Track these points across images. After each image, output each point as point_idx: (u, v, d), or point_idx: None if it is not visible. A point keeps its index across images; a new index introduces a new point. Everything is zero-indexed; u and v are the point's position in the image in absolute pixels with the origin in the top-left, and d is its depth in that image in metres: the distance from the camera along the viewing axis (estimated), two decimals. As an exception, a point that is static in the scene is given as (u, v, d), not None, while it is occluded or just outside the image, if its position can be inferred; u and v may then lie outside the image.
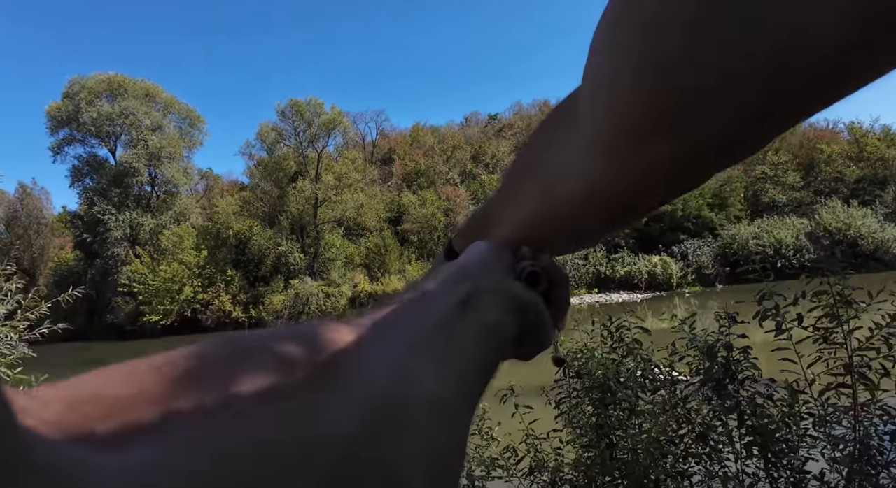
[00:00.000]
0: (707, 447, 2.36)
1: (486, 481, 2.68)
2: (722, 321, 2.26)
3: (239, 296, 32.25)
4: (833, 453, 2.16)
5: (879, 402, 2.13)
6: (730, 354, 2.21)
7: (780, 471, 2.28)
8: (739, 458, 2.33)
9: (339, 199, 34.69)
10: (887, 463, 2.09)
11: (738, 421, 2.20)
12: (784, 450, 2.22)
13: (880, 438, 2.13)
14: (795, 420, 2.23)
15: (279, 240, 33.38)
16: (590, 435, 2.45)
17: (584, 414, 2.53)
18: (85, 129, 35.22)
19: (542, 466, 2.63)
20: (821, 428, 2.21)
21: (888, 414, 2.12)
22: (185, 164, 37.18)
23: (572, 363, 2.60)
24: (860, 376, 2.06)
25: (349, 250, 34.70)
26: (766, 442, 2.20)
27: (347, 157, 37.90)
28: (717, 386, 2.21)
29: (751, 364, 2.19)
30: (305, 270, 33.19)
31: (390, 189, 40.96)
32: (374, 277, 34.28)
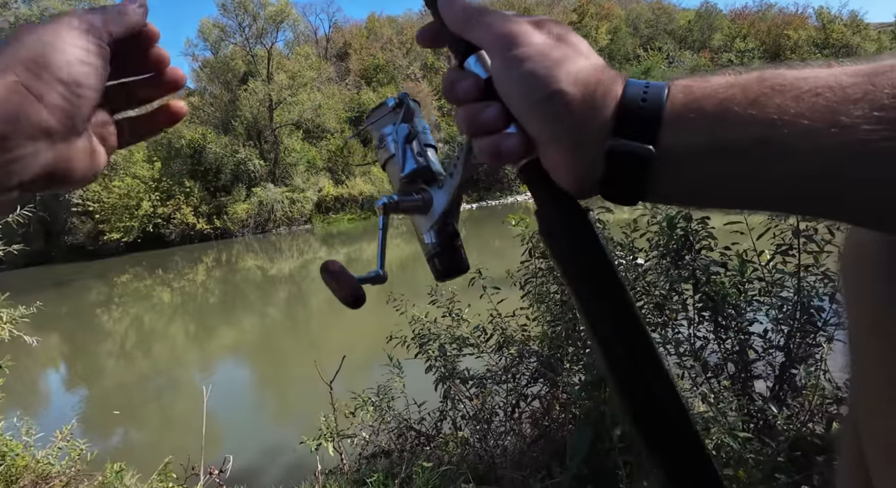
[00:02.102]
0: (663, 316, 2.52)
1: (459, 358, 2.85)
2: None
3: (201, 207, 31.48)
4: (777, 314, 2.33)
5: (822, 267, 2.27)
6: (688, 225, 2.28)
7: (727, 333, 2.48)
8: (692, 324, 2.51)
9: (294, 100, 32.98)
10: (825, 323, 2.28)
11: (693, 289, 2.33)
12: (733, 315, 2.39)
13: (820, 299, 2.30)
14: (744, 286, 2.37)
15: (236, 146, 32.00)
16: (555, 311, 2.58)
17: (549, 292, 2.64)
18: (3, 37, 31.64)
19: (510, 342, 2.79)
20: (767, 294, 2.37)
21: (829, 278, 2.27)
22: (122, 70, 34.24)
23: (538, 245, 2.66)
24: (807, 240, 2.17)
25: (311, 154, 33.70)
26: (717, 307, 2.35)
27: (300, 54, 35.50)
28: (676, 256, 2.30)
29: (708, 233, 2.28)
30: (267, 177, 32.30)
31: (348, 87, 39.00)
32: (339, 180, 33.72)
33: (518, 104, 0.39)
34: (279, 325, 11.16)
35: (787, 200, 0.34)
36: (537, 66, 0.38)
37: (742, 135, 0.33)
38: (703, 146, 0.34)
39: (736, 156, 0.33)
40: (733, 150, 0.33)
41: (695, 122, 0.34)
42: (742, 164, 0.33)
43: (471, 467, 2.68)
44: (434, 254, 0.46)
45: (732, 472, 1.85)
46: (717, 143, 0.33)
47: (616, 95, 0.37)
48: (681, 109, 0.35)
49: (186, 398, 6.75)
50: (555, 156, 0.39)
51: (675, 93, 0.36)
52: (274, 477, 3.88)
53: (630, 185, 0.37)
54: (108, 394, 7.91)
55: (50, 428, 3.73)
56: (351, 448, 3.37)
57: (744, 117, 0.33)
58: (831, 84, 0.31)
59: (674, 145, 0.35)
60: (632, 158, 0.36)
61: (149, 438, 6.07)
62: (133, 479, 3.51)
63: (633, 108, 0.36)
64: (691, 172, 0.35)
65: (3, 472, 3.12)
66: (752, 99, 0.33)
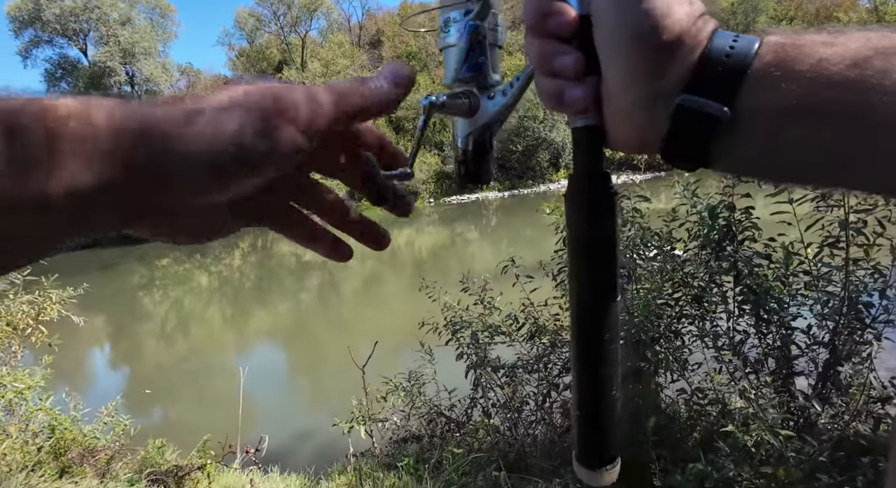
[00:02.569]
0: (701, 308, 2.46)
1: (490, 346, 2.84)
2: (726, 181, 2.23)
3: (238, 194, 32.21)
4: (822, 310, 2.25)
5: (872, 261, 2.16)
6: (731, 215, 2.21)
7: (769, 328, 2.40)
8: (732, 317, 2.44)
9: (328, 89, 33.25)
10: (873, 319, 2.18)
11: (735, 281, 2.26)
12: (775, 309, 2.31)
13: (869, 294, 2.20)
14: (788, 279, 2.29)
15: (271, 135, 32.53)
16: (589, 301, 2.54)
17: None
18: (50, 29, 32.91)
19: (542, 331, 2.76)
20: (812, 288, 2.27)
21: (879, 273, 2.16)
22: (162, 60, 35.14)
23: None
24: (856, 232, 2.07)
25: (344, 142, 34.00)
26: (759, 300, 2.28)
27: (333, 42, 35.72)
28: (717, 247, 2.23)
29: (752, 224, 2.20)
30: (301, 165, 32.76)
31: (381, 75, 39.06)
32: (372, 169, 33.98)
33: (606, 32, 0.35)
34: (313, 311, 11.37)
35: (881, 177, 0.31)
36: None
37: (840, 99, 0.29)
38: (791, 108, 0.31)
39: (828, 121, 0.30)
40: (825, 115, 0.30)
41: (784, 81, 0.31)
42: (836, 132, 0.30)
43: (501, 455, 2.69)
44: (464, 159, 0.46)
45: (772, 470, 1.80)
46: (809, 107, 0.30)
47: (701, 43, 0.33)
48: (770, 66, 0.32)
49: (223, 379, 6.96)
50: (622, 101, 0.35)
51: (765, 49, 0.32)
52: (307, 458, 3.98)
53: (694, 149, 0.34)
54: (150, 373, 8.22)
55: (96, 404, 3.91)
56: (382, 431, 3.42)
57: (843, 80, 0.29)
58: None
59: (756, 106, 0.32)
60: (701, 118, 0.32)
61: (188, 416, 6.30)
62: (173, 455, 3.65)
63: (715, 60, 0.32)
64: (770, 138, 0.32)
65: (52, 444, 3.28)
66: (854, 60, 0.30)
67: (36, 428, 3.39)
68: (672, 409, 2.46)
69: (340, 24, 43.00)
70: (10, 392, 3.32)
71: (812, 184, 0.34)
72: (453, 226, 22.80)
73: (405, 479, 2.68)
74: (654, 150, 0.36)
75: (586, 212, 0.39)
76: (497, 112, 0.45)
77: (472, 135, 0.45)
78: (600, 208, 0.38)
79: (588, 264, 0.39)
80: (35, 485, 2.70)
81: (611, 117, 0.36)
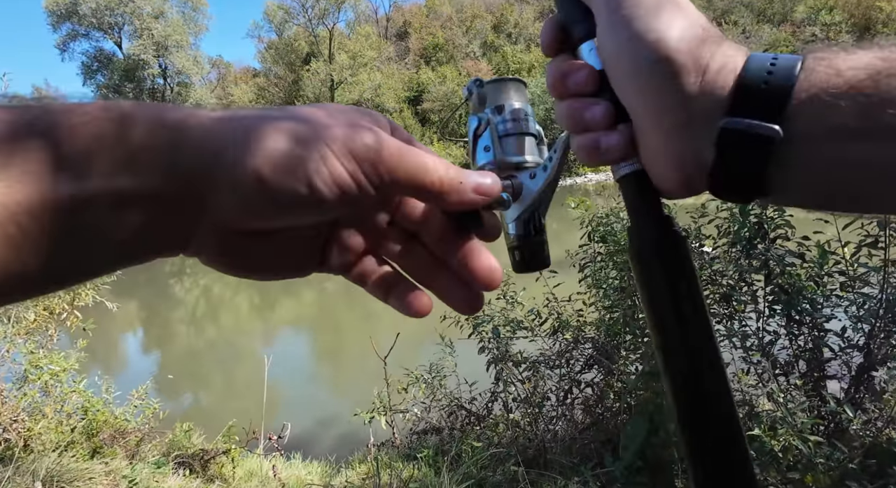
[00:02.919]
0: (729, 307, 2.40)
1: (512, 340, 2.83)
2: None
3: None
4: (858, 312, 2.17)
5: (914, 260, 2.08)
6: (763, 212, 2.14)
7: (800, 329, 2.32)
8: (762, 317, 2.37)
9: (355, 80, 33.42)
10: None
11: (766, 280, 2.20)
12: (808, 310, 2.24)
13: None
14: (822, 279, 2.21)
15: (298, 127, 32.89)
16: (613, 297, 2.50)
17: (608, 278, 2.56)
18: (87, 23, 33.87)
19: (565, 326, 2.74)
20: (848, 289, 2.19)
21: (921, 273, 2.07)
22: (194, 52, 35.80)
23: (597, 229, 2.59)
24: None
25: (370, 134, 34.18)
26: (790, 300, 2.21)
27: (360, 34, 35.82)
28: (747, 244, 2.17)
29: (785, 221, 2.13)
30: (328, 157, 33.08)
31: (408, 66, 39.08)
32: (397, 161, 34.13)
33: (620, 75, 0.34)
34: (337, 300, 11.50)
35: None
36: (642, 26, 0.32)
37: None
38: (850, 127, 0.28)
39: (894, 140, 0.27)
40: (890, 132, 0.27)
41: (841, 99, 0.28)
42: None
43: (520, 450, 2.68)
44: (516, 245, 0.43)
45: (799, 476, 1.75)
46: (870, 124, 0.28)
47: (734, 66, 0.31)
48: (820, 83, 0.29)
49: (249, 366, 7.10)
50: (655, 139, 0.33)
51: (809, 64, 0.30)
52: (328, 446, 4.04)
53: (747, 176, 0.31)
54: (179, 359, 8.44)
55: (126, 387, 4.03)
56: (403, 422, 3.44)
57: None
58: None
59: (810, 126, 0.29)
60: (750, 141, 0.30)
61: (214, 402, 6.45)
62: (199, 439, 3.74)
63: (755, 78, 0.30)
64: (830, 161, 0.29)
65: (85, 426, 3.40)
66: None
67: (70, 410, 3.51)
68: (697, 410, 2.41)
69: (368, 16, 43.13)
70: (46, 374, 3.44)
71: (875, 211, 0.32)
72: (477, 219, 22.76)
73: (424, 470, 2.70)
74: (701, 186, 0.33)
75: (661, 268, 0.34)
76: (541, 190, 0.43)
77: (521, 217, 0.43)
78: (676, 259, 0.34)
79: (679, 331, 0.34)
80: (68, 464, 2.80)
81: (650, 159, 0.35)
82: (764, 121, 0.30)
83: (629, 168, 0.36)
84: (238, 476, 3.31)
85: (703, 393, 0.33)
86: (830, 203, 0.33)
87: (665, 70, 0.32)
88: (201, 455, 3.42)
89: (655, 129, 0.33)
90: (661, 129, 0.33)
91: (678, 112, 0.32)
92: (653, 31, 0.32)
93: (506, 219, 0.45)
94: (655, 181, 0.35)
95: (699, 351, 0.33)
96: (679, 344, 0.34)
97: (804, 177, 0.31)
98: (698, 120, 0.31)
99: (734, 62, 0.31)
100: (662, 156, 0.33)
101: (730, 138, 0.30)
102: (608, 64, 0.35)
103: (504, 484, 2.48)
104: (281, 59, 35.79)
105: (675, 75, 0.32)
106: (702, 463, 0.33)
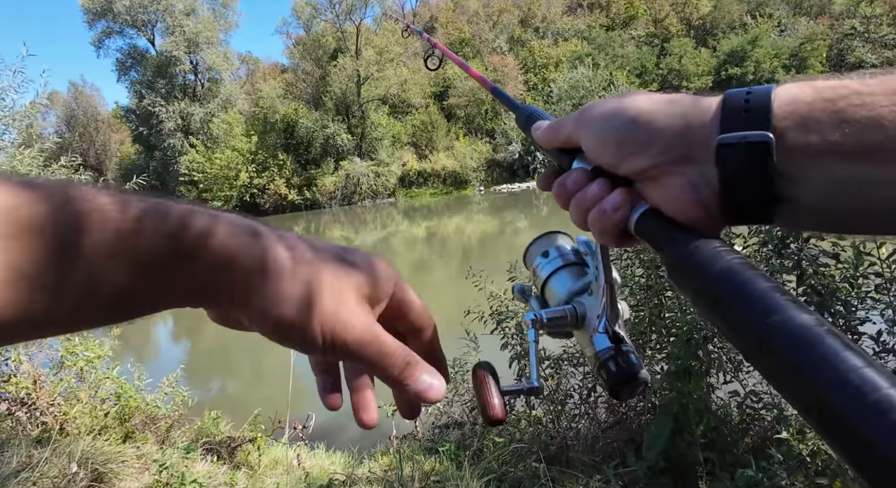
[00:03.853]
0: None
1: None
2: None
3: (292, 179, 33.14)
4: (894, 315, 2.10)
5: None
6: (796, 211, 2.08)
7: (834, 331, 2.26)
8: (793, 318, 2.31)
9: (381, 76, 33.53)
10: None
11: (798, 281, 2.14)
12: (841, 312, 2.17)
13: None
14: (857, 281, 2.14)
15: (325, 121, 33.20)
16: (639, 296, 2.47)
17: (634, 276, 2.53)
18: (121, 20, 34.77)
19: (590, 325, 2.71)
20: (884, 291, 2.12)
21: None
22: (224, 49, 36.42)
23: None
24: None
25: (395, 129, 34.29)
26: (823, 302, 2.15)
27: (387, 29, 35.87)
28: (779, 244, 2.12)
29: (818, 220, 2.07)
30: (354, 151, 33.32)
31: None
32: (423, 155, 34.13)
33: (607, 148, 0.39)
34: (360, 294, 11.60)
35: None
36: (609, 104, 0.40)
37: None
38: (842, 147, 0.30)
39: (887, 160, 0.29)
40: (884, 152, 0.29)
41: (819, 114, 0.31)
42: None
43: (542, 447, 2.67)
44: (600, 363, 0.43)
45: (828, 482, 1.71)
46: (862, 144, 0.30)
47: (709, 103, 0.35)
48: (796, 101, 0.32)
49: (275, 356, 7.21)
50: (664, 180, 0.37)
51: (782, 88, 0.33)
52: (352, 437, 4.09)
53: (754, 191, 0.33)
54: (208, 348, 8.64)
55: (158, 375, 4.15)
56: (425, 416, 3.47)
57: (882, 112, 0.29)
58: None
59: (801, 143, 0.31)
60: (745, 150, 0.32)
61: (241, 390, 6.59)
62: (227, 426, 3.83)
63: (736, 103, 0.33)
64: (829, 179, 0.31)
65: (118, 411, 3.51)
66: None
67: (104, 395, 3.64)
68: (723, 411, 2.37)
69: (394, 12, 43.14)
70: (81, 360, 3.56)
71: (882, 233, 0.33)
72: (503, 215, 22.66)
73: (445, 464, 2.72)
74: (714, 208, 0.35)
75: (729, 294, 0.29)
76: (602, 302, 0.44)
77: (594, 335, 0.44)
78: (716, 258, 0.31)
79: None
80: (101, 447, 2.90)
81: (664, 197, 0.37)
82: (751, 129, 0.32)
83: (640, 210, 0.38)
84: (263, 464, 3.38)
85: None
86: (842, 223, 0.34)
87: (642, 122, 0.37)
88: (228, 442, 3.51)
89: (661, 169, 0.37)
90: (666, 166, 0.36)
91: (678, 146, 0.36)
92: (615, 103, 0.39)
93: (583, 345, 0.46)
94: (673, 214, 0.37)
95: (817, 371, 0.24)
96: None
97: (809, 195, 0.32)
98: (697, 146, 0.35)
99: (710, 99, 0.36)
100: (676, 188, 0.36)
101: (727, 151, 0.33)
102: (601, 151, 0.40)
103: (525, 480, 2.48)
104: (308, 55, 36.10)
105: (651, 122, 0.37)
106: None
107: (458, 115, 35.71)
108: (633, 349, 0.43)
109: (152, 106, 34.04)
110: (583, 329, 0.45)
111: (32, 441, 2.95)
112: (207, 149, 33.12)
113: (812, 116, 0.31)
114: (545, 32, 40.05)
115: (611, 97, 0.41)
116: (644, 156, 0.37)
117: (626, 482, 2.30)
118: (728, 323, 0.29)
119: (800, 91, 0.32)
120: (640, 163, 0.37)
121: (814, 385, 0.23)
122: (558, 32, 39.90)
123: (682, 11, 41.03)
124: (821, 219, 0.34)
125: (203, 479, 2.74)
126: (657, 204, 0.37)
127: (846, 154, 0.30)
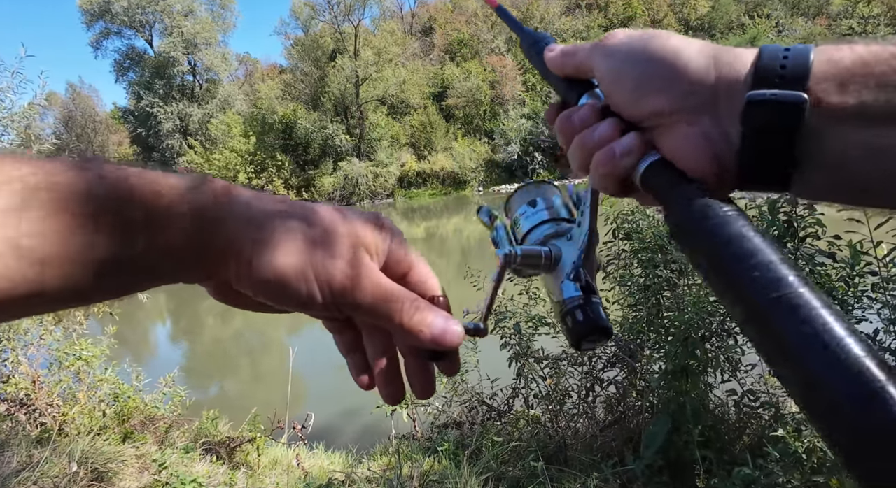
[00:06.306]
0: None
1: (534, 337, 2.82)
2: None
3: (291, 180, 33.12)
4: (891, 314, 2.11)
5: (951, 262, 2.01)
6: (793, 210, 2.09)
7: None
8: (790, 317, 2.32)
9: (380, 76, 33.53)
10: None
11: (794, 280, 2.15)
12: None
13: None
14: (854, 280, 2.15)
15: (324, 122, 33.20)
16: (637, 295, 2.48)
17: (633, 276, 2.54)
18: (119, 21, 34.75)
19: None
20: (881, 290, 2.13)
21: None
22: (222, 50, 36.37)
23: (622, 226, 2.56)
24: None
25: (394, 129, 34.28)
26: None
27: (385, 30, 35.88)
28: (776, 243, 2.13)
29: (815, 220, 2.08)
30: (352, 152, 33.31)
31: (432, 62, 39.05)
32: (421, 156, 34.13)
33: (624, 83, 0.36)
34: (359, 295, 11.60)
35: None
36: (636, 35, 0.36)
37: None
38: (873, 110, 0.29)
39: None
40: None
41: (858, 77, 0.29)
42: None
43: (541, 445, 2.68)
44: (566, 311, 0.40)
45: (824, 480, 1.72)
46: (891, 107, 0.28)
47: (747, 58, 0.32)
48: (835, 61, 0.30)
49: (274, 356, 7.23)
50: (680, 127, 0.34)
51: (821, 49, 0.31)
52: (351, 437, 4.10)
53: (777, 151, 0.31)
54: (207, 348, 8.64)
55: (156, 375, 4.14)
56: (424, 416, 3.47)
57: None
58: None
59: (838, 104, 0.29)
60: (776, 109, 0.30)
61: (240, 390, 6.59)
62: (226, 427, 3.84)
63: (772, 59, 0.31)
64: (862, 141, 0.29)
65: (116, 411, 3.51)
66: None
67: (102, 396, 3.63)
68: (721, 410, 2.38)
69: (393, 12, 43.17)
70: (78, 360, 3.56)
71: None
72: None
73: (444, 463, 2.72)
74: (730, 166, 0.33)
75: (719, 243, 0.29)
76: (581, 249, 0.41)
77: (564, 281, 0.41)
78: (724, 220, 0.30)
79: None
80: (101, 447, 2.90)
81: (677, 148, 0.34)
82: (787, 89, 0.30)
83: (650, 159, 0.35)
84: (263, 463, 3.39)
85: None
86: (865, 189, 0.32)
87: (679, 64, 0.33)
88: (227, 442, 3.51)
89: (680, 115, 0.34)
90: (686, 114, 0.34)
91: (702, 93, 0.33)
92: (653, 38, 0.35)
93: (551, 290, 0.43)
94: (685, 167, 0.34)
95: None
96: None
97: (833, 154, 0.31)
98: (724, 97, 0.32)
99: (745, 51, 0.33)
100: (691, 139, 0.34)
101: (756, 108, 0.31)
102: (617, 84, 0.36)
103: (524, 478, 2.48)
104: (307, 56, 36.09)
105: (686, 67, 0.33)
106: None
107: (456, 116, 35.71)
108: (601, 303, 0.41)
109: (150, 107, 34.01)
110: (554, 273, 0.42)
111: (32, 441, 2.95)
112: (206, 150, 33.09)
113: (850, 79, 0.29)
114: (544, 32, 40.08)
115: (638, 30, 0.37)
116: (664, 97, 0.34)
117: (625, 480, 2.31)
118: (730, 291, 0.28)
119: (839, 53, 0.30)
120: (658, 105, 0.34)
121: (812, 370, 0.24)
122: (557, 33, 39.90)
123: (680, 12, 41.12)
124: (842, 187, 0.32)
125: (203, 479, 2.75)
126: (668, 154, 0.35)
127: (881, 118, 0.29)
